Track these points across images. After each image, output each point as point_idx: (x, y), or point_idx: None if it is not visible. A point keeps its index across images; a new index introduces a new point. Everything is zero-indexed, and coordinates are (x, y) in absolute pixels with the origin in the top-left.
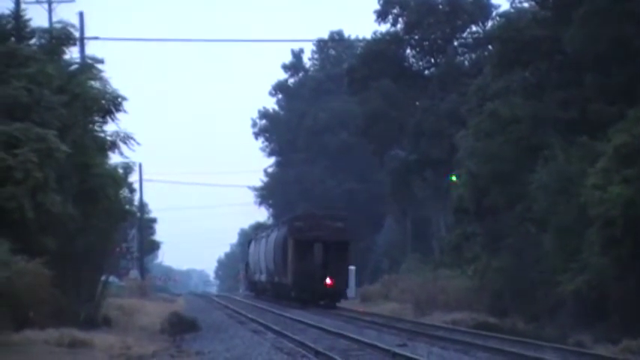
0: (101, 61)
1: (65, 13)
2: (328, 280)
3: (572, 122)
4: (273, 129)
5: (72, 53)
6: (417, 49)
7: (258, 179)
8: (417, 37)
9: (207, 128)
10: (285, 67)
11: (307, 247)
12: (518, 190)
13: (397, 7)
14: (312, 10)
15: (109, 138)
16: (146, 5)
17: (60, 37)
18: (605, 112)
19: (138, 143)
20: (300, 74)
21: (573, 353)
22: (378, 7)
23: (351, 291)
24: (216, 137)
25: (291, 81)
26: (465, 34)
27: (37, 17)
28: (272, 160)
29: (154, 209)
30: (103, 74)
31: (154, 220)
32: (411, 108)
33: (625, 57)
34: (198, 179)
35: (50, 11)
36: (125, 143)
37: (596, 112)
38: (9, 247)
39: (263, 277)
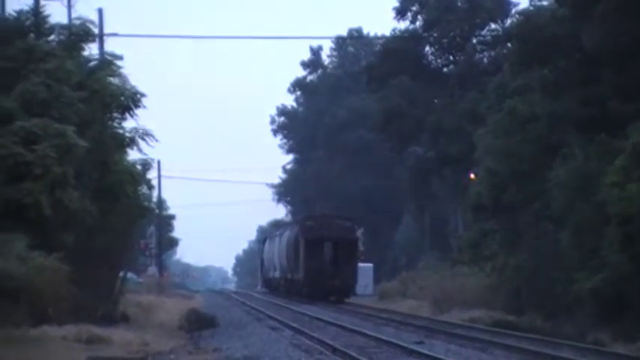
0: (120, 58)
1: (84, 10)
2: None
3: (590, 120)
4: (292, 126)
5: (91, 49)
6: (436, 47)
7: (277, 176)
8: (435, 34)
9: (226, 125)
10: (304, 64)
11: (318, 245)
12: (537, 188)
13: (416, 5)
14: (331, 7)
15: (127, 134)
16: (165, 2)
17: (79, 34)
18: (624, 110)
19: (156, 140)
20: (319, 71)
21: (591, 351)
22: (397, 4)
23: (369, 288)
24: (235, 134)
25: (309, 78)
26: (483, 32)
27: (56, 13)
28: (290, 157)
29: (173, 206)
30: (122, 70)
31: (172, 217)
32: (430, 105)
33: None
34: (216, 176)
35: (69, 7)
36: (144, 140)
37: (615, 110)
38: (27, 242)
39: (277, 274)
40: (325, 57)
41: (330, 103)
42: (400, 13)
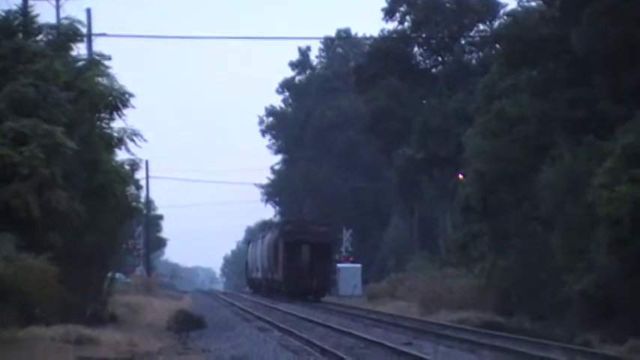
0: (108, 58)
1: (73, 10)
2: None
3: (579, 122)
4: (280, 126)
5: (79, 49)
6: (424, 48)
7: (265, 177)
8: (424, 35)
9: (214, 125)
10: (292, 65)
11: (296, 248)
12: (526, 190)
13: (404, 5)
14: (320, 7)
15: (115, 134)
16: (152, 2)
17: (67, 34)
18: (613, 112)
19: (145, 140)
20: (307, 72)
21: (580, 353)
22: (385, 5)
23: (357, 289)
24: (223, 134)
25: (298, 79)
26: (472, 33)
27: (44, 13)
28: (279, 157)
29: (161, 206)
30: (110, 71)
31: (160, 217)
32: (418, 106)
33: (633, 56)
34: (204, 176)
35: (58, 7)
36: (132, 140)
37: (604, 112)
38: (15, 243)
39: (259, 275)
40: (314, 57)
41: (319, 103)
42: (388, 13)
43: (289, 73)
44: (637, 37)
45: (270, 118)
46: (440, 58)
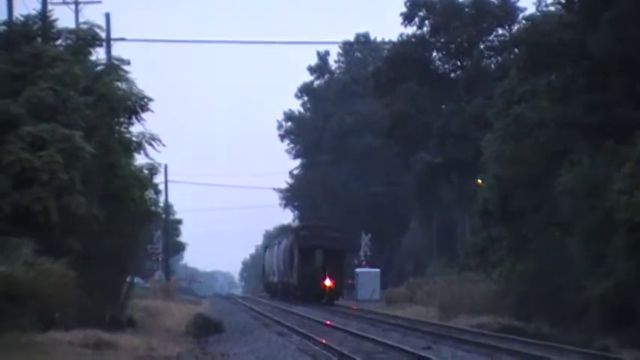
0: (127, 62)
1: (91, 14)
2: (328, 282)
3: (598, 126)
4: (299, 131)
5: (98, 54)
6: (443, 52)
7: (284, 181)
8: (442, 39)
9: (233, 129)
10: (311, 69)
11: (310, 253)
12: (544, 194)
13: (423, 10)
14: (338, 12)
15: (134, 139)
16: (171, 7)
17: (86, 38)
18: (632, 117)
19: (163, 144)
20: (326, 76)
21: (598, 357)
22: (404, 9)
23: (376, 294)
24: (242, 138)
25: (316, 83)
26: (491, 37)
27: (63, 18)
28: (297, 162)
29: (179, 211)
30: (129, 75)
31: (179, 222)
32: (437, 111)
33: None
34: (223, 181)
35: (77, 12)
36: (151, 144)
37: (623, 117)
38: (34, 248)
39: (275, 279)
40: (332, 62)
41: (337, 108)
42: (407, 18)
43: (308, 77)
44: None
45: (289, 123)
46: (458, 63)
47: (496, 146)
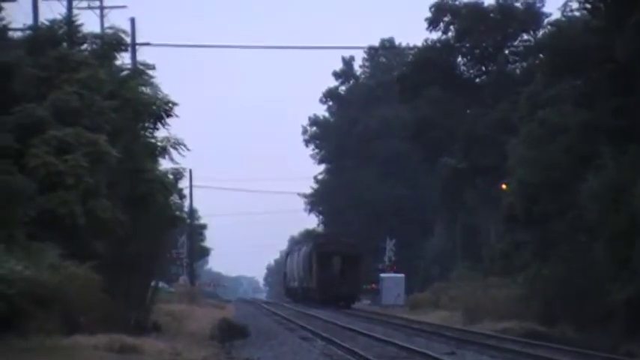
0: (152, 67)
1: (117, 19)
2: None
3: (623, 131)
4: (324, 136)
5: (123, 59)
6: (468, 57)
7: (309, 186)
8: (468, 44)
9: (258, 134)
10: (336, 74)
11: (328, 259)
12: (569, 199)
13: (448, 15)
14: (363, 17)
15: (159, 143)
16: (198, 11)
17: (111, 43)
18: None
19: (188, 149)
20: (351, 81)
21: None
22: (429, 14)
23: (400, 298)
24: (267, 143)
25: (341, 88)
26: (516, 43)
27: (88, 23)
28: (322, 167)
29: (204, 215)
30: (154, 80)
31: (203, 227)
32: (462, 116)
33: None
34: (248, 186)
35: (102, 17)
36: (175, 149)
37: None
38: (60, 252)
39: (296, 284)
40: (357, 67)
41: (362, 113)
42: (432, 23)
43: (333, 82)
44: None
45: (314, 128)
46: (483, 68)
47: (521, 151)
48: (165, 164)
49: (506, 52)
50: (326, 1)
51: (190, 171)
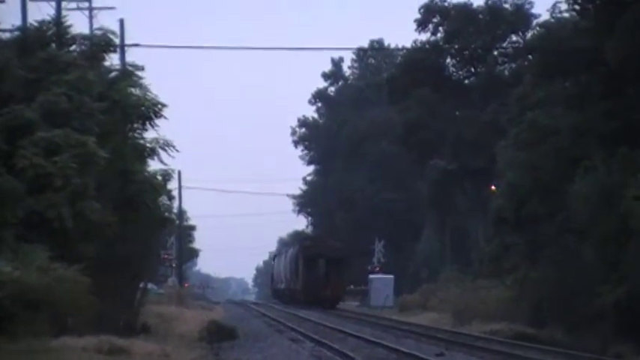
0: (141, 68)
1: (106, 20)
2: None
3: (613, 133)
4: (313, 137)
5: (112, 60)
6: (457, 59)
7: (298, 187)
8: (457, 46)
9: (247, 136)
10: (325, 76)
11: (313, 261)
12: (558, 201)
13: (437, 16)
14: (352, 18)
15: (148, 145)
16: (185, 13)
17: (100, 44)
18: None
19: (177, 150)
20: (340, 83)
21: None
22: (418, 16)
23: (389, 300)
24: (256, 145)
25: (330, 89)
26: (505, 44)
27: (77, 24)
28: (311, 168)
29: (193, 217)
30: (143, 81)
31: (192, 228)
32: (451, 117)
33: None
34: (237, 187)
35: (91, 18)
36: (164, 150)
37: (638, 123)
38: (48, 254)
39: (283, 286)
40: (346, 68)
41: (351, 114)
42: (421, 24)
43: (322, 83)
44: None
45: (303, 129)
46: (473, 69)
47: (510, 153)
48: (154, 165)
49: (496, 53)
50: (315, 2)
51: (179, 172)
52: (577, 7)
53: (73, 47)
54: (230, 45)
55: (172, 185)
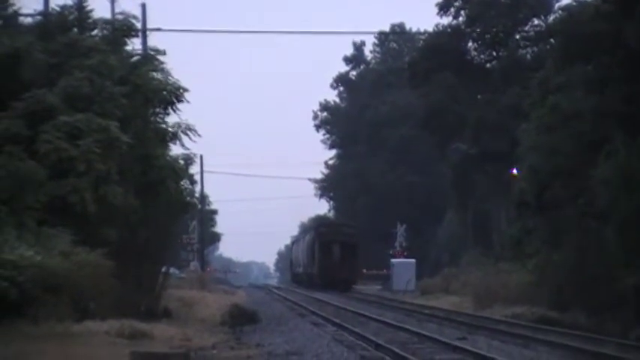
0: (163, 53)
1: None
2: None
3: (635, 117)
4: (334, 121)
5: (134, 44)
6: (479, 43)
7: (319, 171)
8: (478, 30)
9: (269, 120)
10: (347, 60)
11: (328, 246)
12: (580, 185)
13: (459, 0)
14: (374, 2)
15: (170, 129)
16: None
17: (122, 29)
18: None
19: (199, 135)
20: (362, 67)
21: (634, 348)
22: (440, 0)
23: (411, 284)
24: (278, 129)
25: (352, 73)
26: (526, 28)
27: (99, 8)
28: (333, 152)
29: (215, 201)
30: (165, 65)
31: (214, 212)
32: (473, 101)
33: None
34: (259, 171)
35: (112, 2)
36: (186, 134)
37: None
38: (71, 238)
39: (301, 270)
40: (368, 52)
41: (373, 98)
42: (443, 8)
43: (344, 67)
44: None
45: (325, 113)
46: (494, 53)
47: (532, 137)
48: (176, 150)
49: (517, 37)
50: None
51: (201, 157)
52: None
53: (95, 32)
54: (252, 29)
55: (194, 170)
